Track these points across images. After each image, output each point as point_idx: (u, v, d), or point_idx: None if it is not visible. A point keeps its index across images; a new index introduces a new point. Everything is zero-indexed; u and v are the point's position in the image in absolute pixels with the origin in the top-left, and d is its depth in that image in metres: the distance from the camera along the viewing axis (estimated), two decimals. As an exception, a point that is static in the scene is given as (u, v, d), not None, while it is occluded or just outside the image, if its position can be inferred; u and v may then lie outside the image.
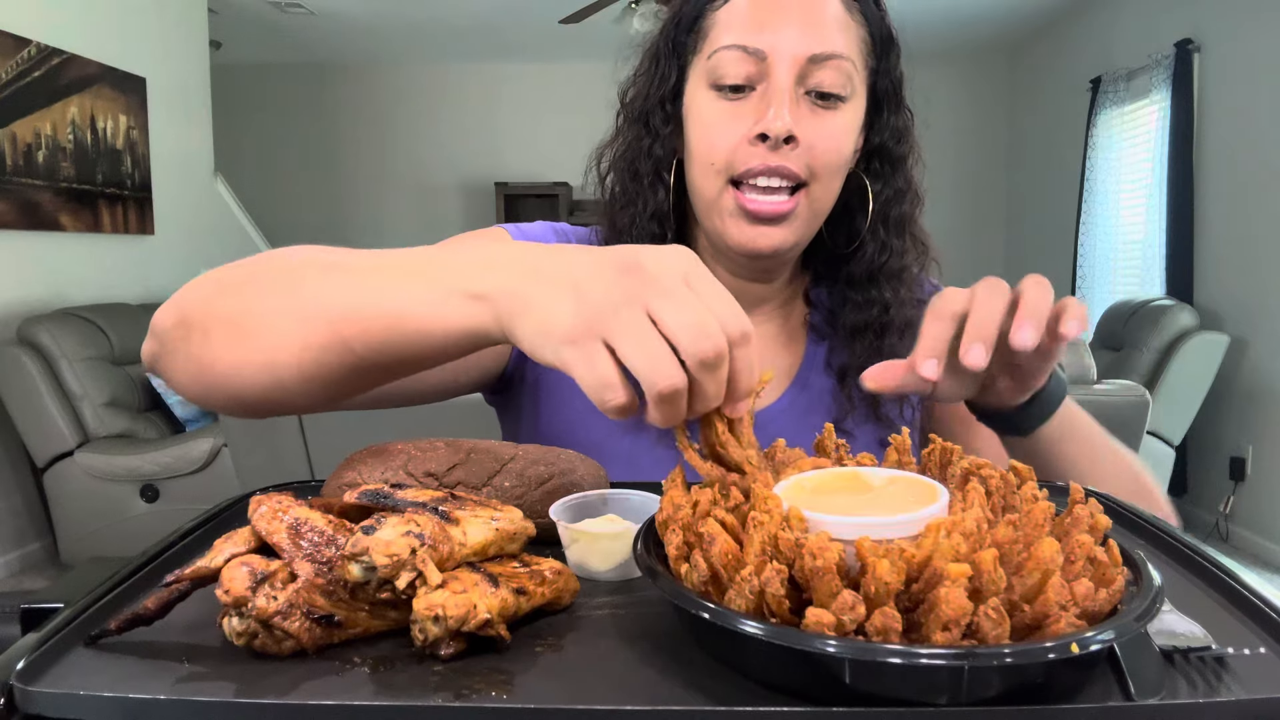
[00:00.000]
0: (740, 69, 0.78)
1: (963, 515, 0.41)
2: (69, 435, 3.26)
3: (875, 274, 0.87)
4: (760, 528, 0.41)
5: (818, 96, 0.78)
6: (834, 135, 0.79)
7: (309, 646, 0.43)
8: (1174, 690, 0.39)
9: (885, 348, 0.86)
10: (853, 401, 0.88)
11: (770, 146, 0.76)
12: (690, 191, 0.84)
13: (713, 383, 0.46)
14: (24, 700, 0.38)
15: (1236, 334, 3.78)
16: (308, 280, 0.57)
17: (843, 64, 0.78)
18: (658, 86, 0.86)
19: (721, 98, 0.79)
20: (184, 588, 0.44)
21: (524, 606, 0.46)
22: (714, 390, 0.46)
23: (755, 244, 0.80)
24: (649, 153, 0.86)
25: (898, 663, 0.36)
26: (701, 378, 0.45)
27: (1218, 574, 0.51)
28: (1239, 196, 3.83)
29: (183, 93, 4.46)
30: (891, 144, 0.86)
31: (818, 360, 0.91)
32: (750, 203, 0.78)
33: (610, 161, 0.90)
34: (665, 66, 0.85)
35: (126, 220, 3.97)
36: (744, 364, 0.47)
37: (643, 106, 0.87)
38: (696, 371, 0.45)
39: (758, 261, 0.84)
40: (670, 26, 0.86)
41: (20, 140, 3.42)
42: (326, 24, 5.64)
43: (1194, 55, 4.07)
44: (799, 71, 0.77)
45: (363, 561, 0.43)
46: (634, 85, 0.89)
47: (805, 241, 0.84)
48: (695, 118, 0.82)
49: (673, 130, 0.85)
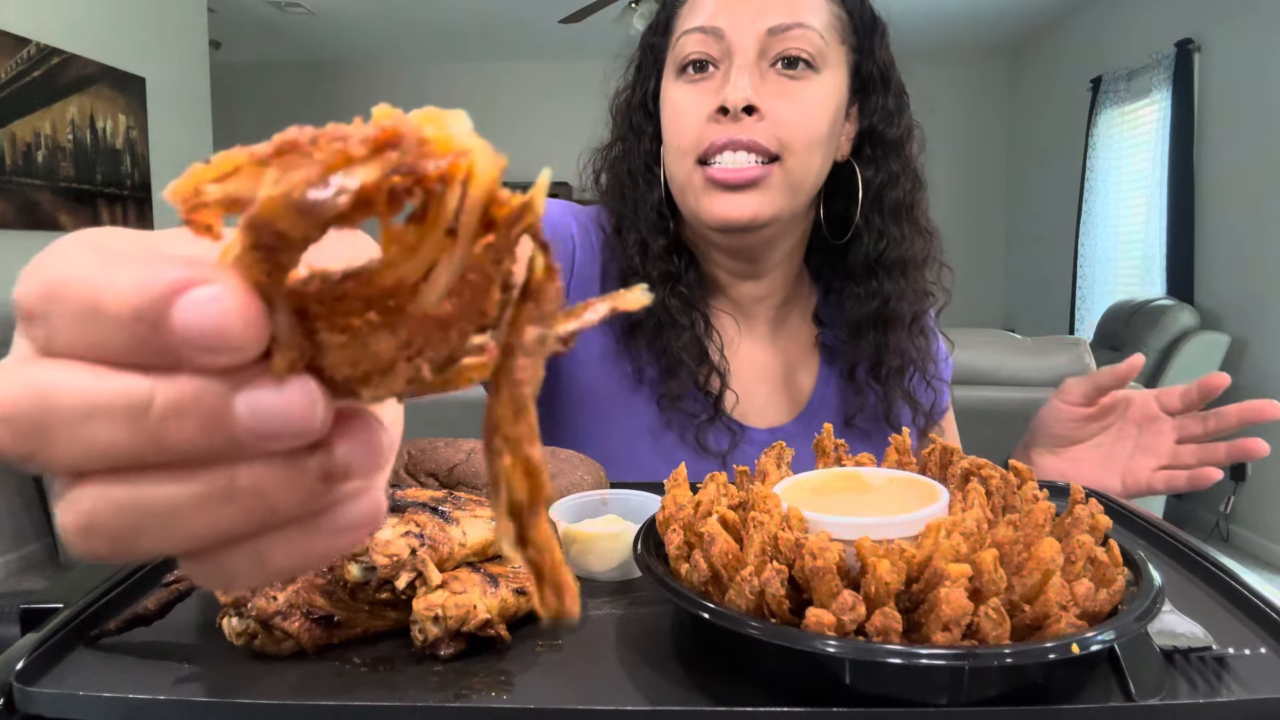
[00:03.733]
0: (699, 47, 0.78)
1: (963, 515, 0.41)
2: (68, 435, 3.27)
3: (873, 265, 0.85)
4: (760, 528, 0.41)
5: (785, 65, 0.77)
6: (803, 105, 0.77)
7: (308, 647, 0.43)
8: (1174, 690, 0.39)
9: (891, 343, 0.85)
10: (864, 400, 0.86)
11: (731, 119, 0.76)
12: (669, 183, 0.84)
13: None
14: (23, 700, 0.38)
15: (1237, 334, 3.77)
16: None
17: (807, 33, 0.77)
18: (639, 90, 0.87)
19: (686, 81, 0.80)
20: (183, 588, 0.44)
21: (524, 607, 0.46)
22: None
23: (728, 213, 0.77)
24: (638, 153, 0.86)
25: (898, 663, 0.36)
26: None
27: (1218, 574, 0.51)
28: (1239, 196, 3.83)
29: (182, 92, 4.46)
30: (883, 127, 0.84)
31: (831, 384, 0.90)
32: (717, 172, 0.77)
33: (603, 165, 0.90)
34: (645, 70, 0.87)
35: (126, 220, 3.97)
36: None
37: (627, 111, 0.88)
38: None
39: (736, 236, 0.81)
40: (648, 33, 0.88)
41: (20, 140, 3.42)
42: (326, 23, 5.64)
43: (1194, 55, 4.07)
44: (760, 45, 0.77)
45: (362, 562, 0.43)
46: (619, 95, 0.90)
47: (785, 215, 0.80)
48: (665, 106, 0.82)
49: (655, 129, 0.86)
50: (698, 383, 0.83)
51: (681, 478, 0.49)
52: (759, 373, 0.89)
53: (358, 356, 0.18)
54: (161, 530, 0.18)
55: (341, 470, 0.19)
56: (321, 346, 0.18)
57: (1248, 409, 0.73)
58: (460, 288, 0.18)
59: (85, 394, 0.17)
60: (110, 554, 0.19)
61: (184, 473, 0.18)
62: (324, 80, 6.75)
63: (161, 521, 0.18)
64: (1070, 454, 0.84)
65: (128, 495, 0.18)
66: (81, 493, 0.18)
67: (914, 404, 0.87)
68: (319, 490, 0.19)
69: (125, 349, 0.17)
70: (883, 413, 0.87)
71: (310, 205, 0.16)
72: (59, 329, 0.18)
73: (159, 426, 0.17)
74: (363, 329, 0.18)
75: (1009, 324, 5.91)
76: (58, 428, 0.17)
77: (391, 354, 0.18)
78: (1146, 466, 0.79)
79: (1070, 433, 0.83)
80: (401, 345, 0.18)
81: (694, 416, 0.83)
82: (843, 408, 0.88)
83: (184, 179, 0.17)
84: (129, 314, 0.17)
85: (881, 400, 0.86)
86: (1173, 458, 0.78)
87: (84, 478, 0.18)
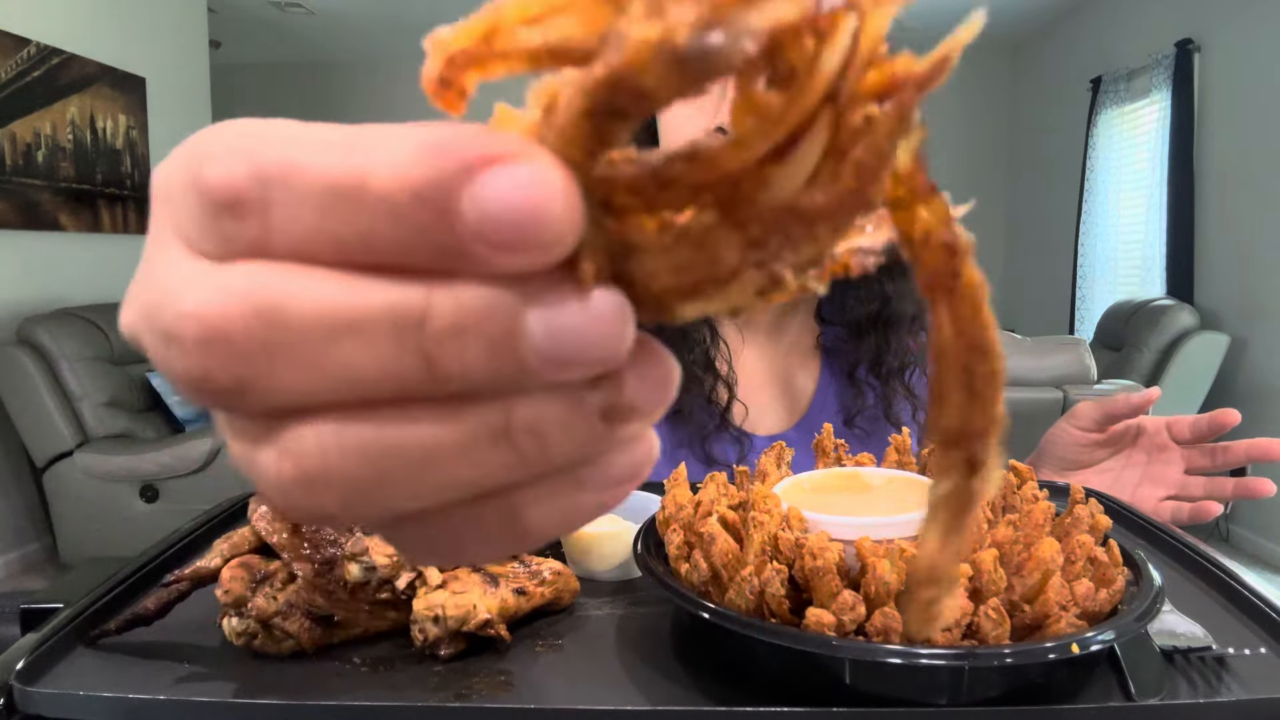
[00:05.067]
0: None
1: (963, 515, 0.41)
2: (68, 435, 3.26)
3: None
4: (760, 528, 0.41)
5: None
6: None
7: (308, 647, 0.43)
8: (1174, 690, 0.39)
9: (892, 342, 0.85)
10: (863, 400, 0.86)
11: None
12: None
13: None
14: (24, 700, 0.38)
15: (1237, 334, 3.77)
16: None
17: None
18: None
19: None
20: (184, 588, 0.44)
21: (524, 606, 0.46)
22: None
23: None
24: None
25: (898, 663, 0.36)
26: None
27: (1218, 574, 0.51)
28: (1239, 196, 3.83)
29: (182, 92, 4.46)
30: None
31: (831, 386, 0.89)
32: None
33: None
34: None
35: (126, 220, 3.97)
36: None
37: None
38: None
39: None
40: None
41: (20, 140, 3.42)
42: (327, 23, 5.64)
43: (1194, 55, 4.07)
44: None
45: (362, 561, 0.43)
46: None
47: None
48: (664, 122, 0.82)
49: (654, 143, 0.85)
50: (707, 396, 0.83)
51: (681, 478, 0.49)
52: (761, 379, 0.89)
53: (687, 262, 0.14)
54: (413, 480, 0.15)
55: (626, 409, 0.15)
56: (632, 249, 0.14)
57: (1255, 447, 0.73)
58: (837, 171, 0.14)
59: (334, 305, 0.14)
60: (339, 511, 0.15)
61: (447, 407, 0.14)
62: (324, 80, 6.75)
63: (415, 469, 0.14)
64: (1077, 477, 0.83)
65: (376, 436, 0.14)
66: (308, 433, 0.14)
67: (914, 400, 0.87)
68: (598, 432, 0.15)
69: (389, 246, 0.13)
70: (882, 411, 0.87)
71: (701, 54, 0.12)
72: (287, 221, 0.14)
73: (434, 348, 0.14)
74: (696, 227, 0.14)
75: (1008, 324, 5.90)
76: (291, 349, 0.14)
77: (736, 258, 0.14)
78: (1153, 496, 0.79)
79: (1079, 457, 0.83)
80: (750, 245, 0.14)
81: (702, 427, 0.83)
82: (843, 409, 0.88)
83: (472, 22, 0.14)
84: (406, 196, 0.13)
85: (881, 398, 0.86)
86: (1181, 489, 0.78)
87: (313, 414, 0.14)
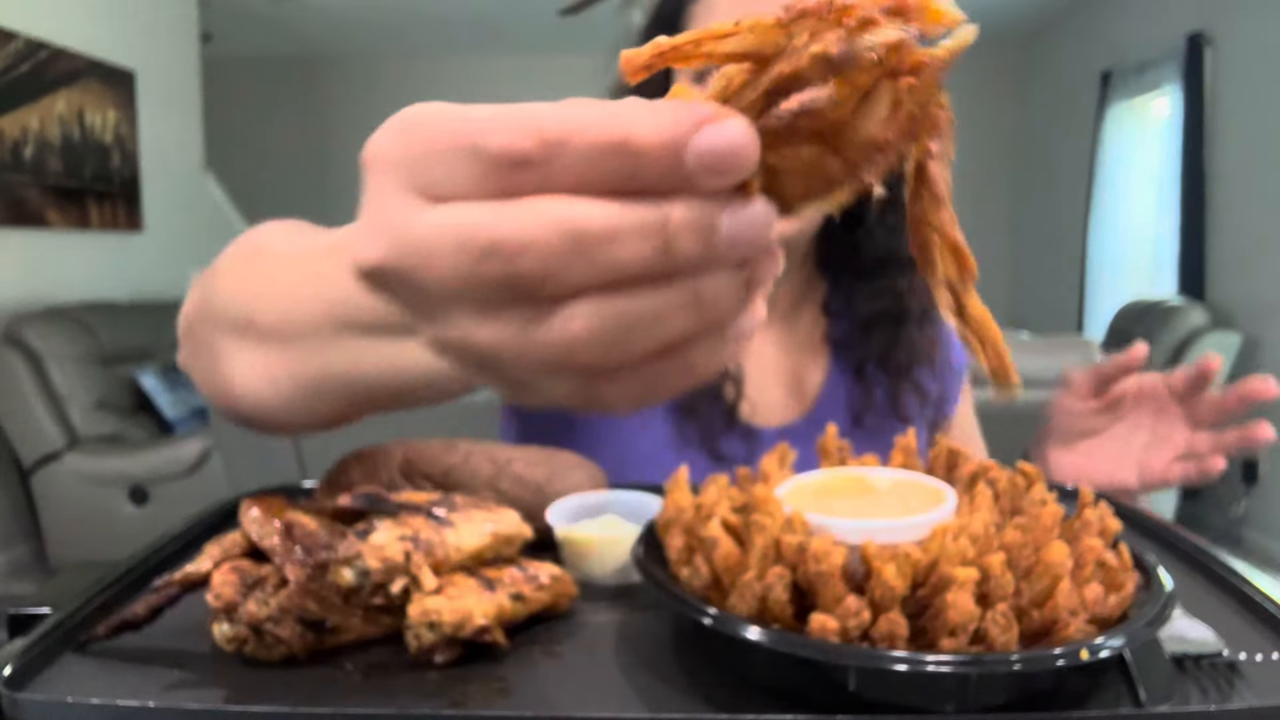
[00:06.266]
0: None
1: (970, 518, 0.40)
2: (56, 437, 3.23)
3: (885, 261, 0.84)
4: (763, 531, 0.40)
5: None
6: None
7: (300, 652, 0.42)
8: (1184, 697, 0.38)
9: (903, 338, 0.84)
10: (872, 396, 0.85)
11: None
12: None
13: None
14: (11, 707, 0.37)
15: (1249, 333, 3.73)
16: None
17: None
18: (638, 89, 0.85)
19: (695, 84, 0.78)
20: (174, 593, 0.44)
21: (521, 612, 0.45)
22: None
23: None
24: None
25: (904, 669, 0.35)
26: None
27: (1230, 578, 0.51)
28: (1252, 192, 3.79)
29: (172, 87, 4.42)
30: None
31: (839, 379, 0.88)
32: None
33: None
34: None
35: (115, 216, 3.93)
36: None
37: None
38: None
39: None
40: (650, 27, 0.84)
41: (7, 136, 3.39)
42: (319, 16, 5.61)
43: (1205, 48, 4.02)
44: None
45: (356, 566, 0.42)
46: (620, 92, 0.88)
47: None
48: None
49: None
50: (714, 391, 0.82)
51: (682, 480, 0.49)
52: (769, 370, 0.87)
53: (809, 177, 0.23)
54: (645, 333, 0.22)
55: (758, 281, 0.23)
56: (775, 172, 0.23)
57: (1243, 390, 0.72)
58: (896, 116, 0.22)
59: (614, 220, 0.21)
60: (595, 360, 0.22)
61: (664, 283, 0.21)
62: (317, 74, 6.71)
63: (646, 325, 0.22)
64: (1084, 448, 0.82)
65: (626, 304, 0.21)
66: (579, 309, 0.21)
67: (922, 395, 0.86)
68: (743, 298, 0.23)
69: (638, 179, 0.21)
70: (890, 407, 0.86)
71: (845, 60, 0.21)
72: (566, 169, 0.20)
73: (672, 243, 0.21)
74: (812, 155, 0.23)
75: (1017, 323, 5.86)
76: (584, 252, 0.21)
77: (839, 173, 0.23)
78: (1163, 458, 0.77)
79: (1081, 426, 0.82)
80: (846, 165, 0.23)
81: (709, 423, 0.82)
82: (851, 404, 0.87)
83: (686, 35, 0.23)
84: (658, 145, 0.20)
85: (888, 393, 0.86)
86: (1189, 447, 0.76)
87: (582, 295, 0.21)
